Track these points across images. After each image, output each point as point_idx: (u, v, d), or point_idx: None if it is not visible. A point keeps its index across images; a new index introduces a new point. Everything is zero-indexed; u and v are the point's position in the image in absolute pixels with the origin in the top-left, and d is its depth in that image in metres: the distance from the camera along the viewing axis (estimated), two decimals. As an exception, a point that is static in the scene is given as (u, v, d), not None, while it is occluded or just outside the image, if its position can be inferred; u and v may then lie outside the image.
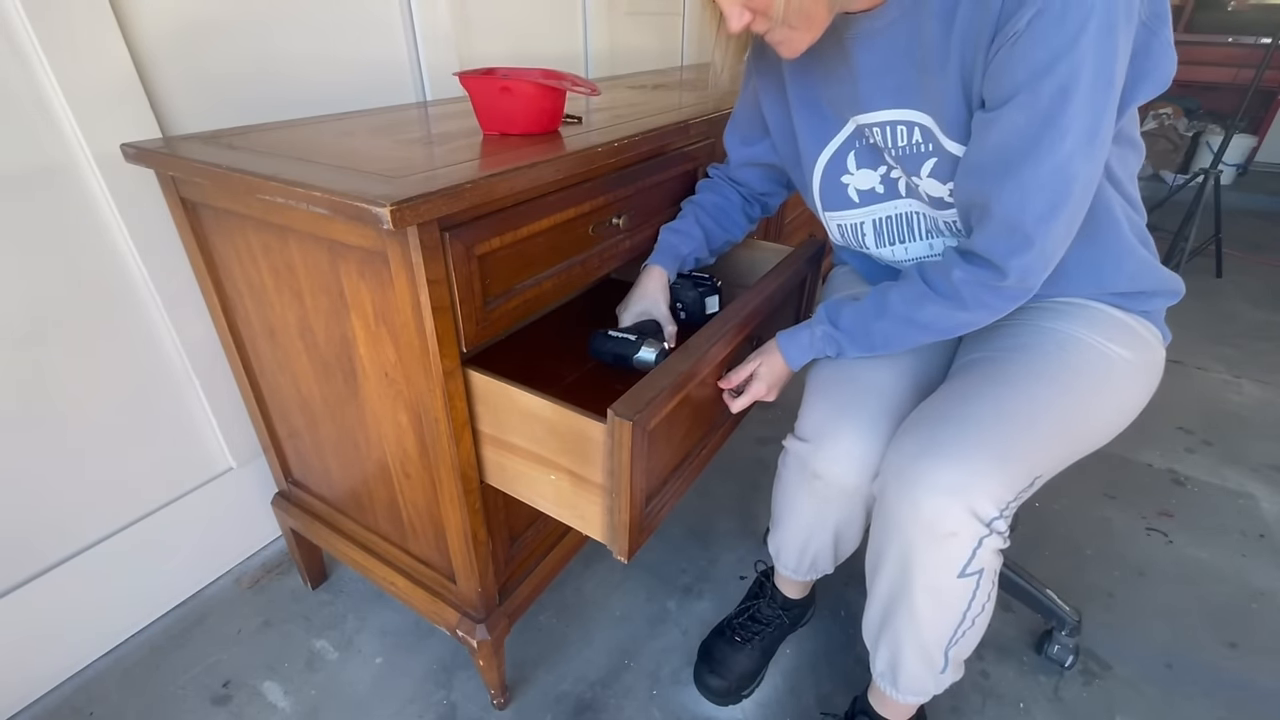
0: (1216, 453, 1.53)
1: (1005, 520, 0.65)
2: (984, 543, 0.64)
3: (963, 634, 0.72)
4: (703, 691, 0.98)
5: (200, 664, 1.02)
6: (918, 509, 0.65)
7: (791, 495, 0.87)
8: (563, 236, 0.78)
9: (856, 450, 0.77)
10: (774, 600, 1.02)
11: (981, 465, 0.64)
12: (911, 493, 0.65)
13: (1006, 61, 0.58)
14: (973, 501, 0.63)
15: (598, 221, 0.83)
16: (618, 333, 0.87)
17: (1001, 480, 0.64)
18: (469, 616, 0.86)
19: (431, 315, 0.61)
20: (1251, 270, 2.61)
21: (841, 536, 0.88)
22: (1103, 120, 0.58)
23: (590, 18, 1.64)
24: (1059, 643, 1.01)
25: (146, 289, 0.94)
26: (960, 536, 0.64)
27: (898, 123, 0.70)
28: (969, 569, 0.66)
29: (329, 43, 1.08)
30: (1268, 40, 2.39)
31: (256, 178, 0.62)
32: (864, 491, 0.80)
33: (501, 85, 0.80)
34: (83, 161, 0.83)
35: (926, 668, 0.75)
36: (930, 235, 0.78)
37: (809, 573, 0.94)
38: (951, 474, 0.64)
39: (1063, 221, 0.62)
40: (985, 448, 0.64)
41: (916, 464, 0.66)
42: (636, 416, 0.61)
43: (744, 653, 0.99)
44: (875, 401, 0.78)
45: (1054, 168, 0.59)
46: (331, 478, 0.94)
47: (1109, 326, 0.75)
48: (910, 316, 0.72)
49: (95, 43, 0.80)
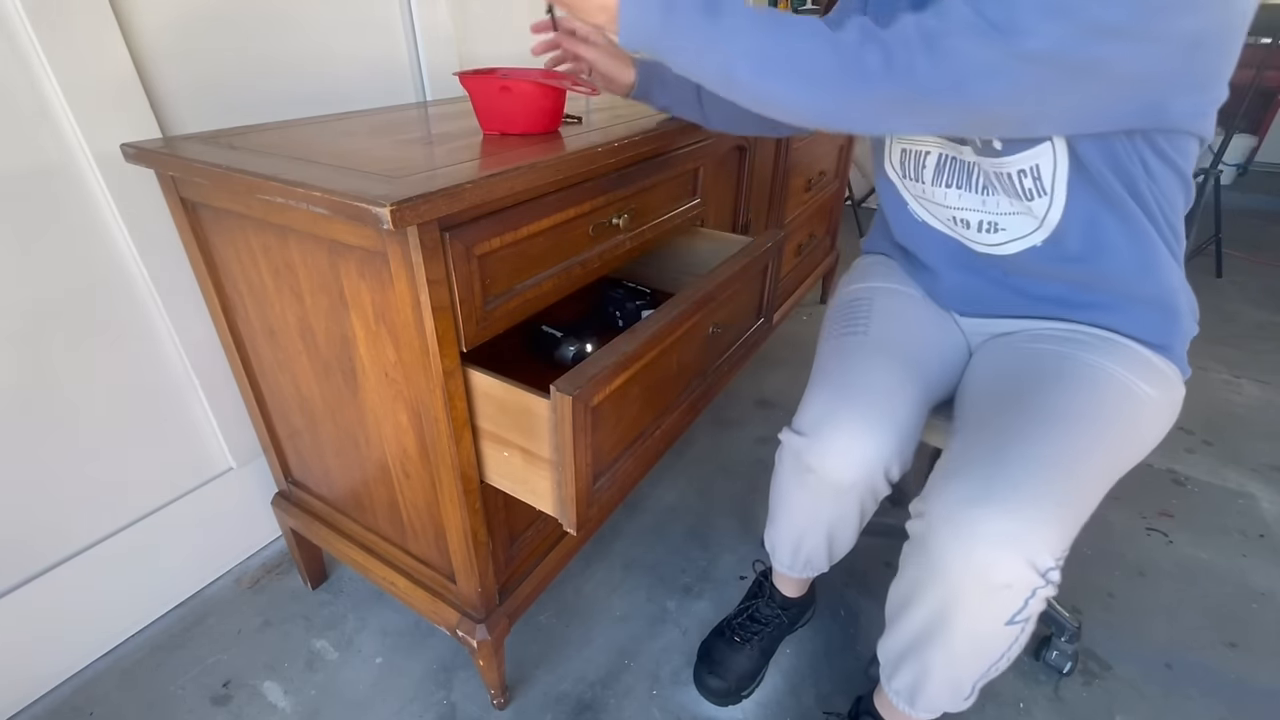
0: (1216, 453, 1.53)
1: (1059, 569, 0.62)
2: (1037, 593, 0.62)
3: (996, 670, 0.70)
4: (702, 692, 0.98)
5: (200, 664, 1.02)
6: (969, 558, 0.62)
7: (786, 489, 0.86)
8: (563, 237, 0.78)
9: (852, 447, 0.76)
10: (773, 600, 1.02)
11: (1040, 515, 0.60)
12: (965, 541, 0.62)
13: None
14: (1031, 553, 0.60)
15: (598, 222, 0.83)
16: (548, 328, 0.91)
17: (1059, 530, 0.61)
18: (469, 616, 0.86)
19: (431, 315, 0.62)
20: (1251, 270, 2.61)
21: (835, 534, 0.88)
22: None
23: (590, 18, 1.64)
24: (1058, 649, 1.01)
25: (146, 289, 0.94)
26: (1015, 589, 0.61)
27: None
28: (1018, 618, 0.63)
29: (329, 43, 1.08)
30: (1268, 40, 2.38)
31: (256, 178, 0.62)
32: (858, 490, 0.79)
33: (501, 85, 0.79)
34: (83, 161, 0.83)
35: (951, 695, 0.74)
36: (985, 191, 0.75)
37: (804, 570, 0.94)
38: (1010, 524, 0.60)
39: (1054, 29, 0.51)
40: (1045, 497, 0.61)
41: (970, 511, 0.62)
42: (577, 392, 0.62)
43: (743, 653, 0.98)
44: (875, 400, 0.77)
45: None
46: (331, 478, 0.94)
47: (1138, 364, 0.73)
48: (787, 28, 0.57)
49: (95, 43, 0.80)
